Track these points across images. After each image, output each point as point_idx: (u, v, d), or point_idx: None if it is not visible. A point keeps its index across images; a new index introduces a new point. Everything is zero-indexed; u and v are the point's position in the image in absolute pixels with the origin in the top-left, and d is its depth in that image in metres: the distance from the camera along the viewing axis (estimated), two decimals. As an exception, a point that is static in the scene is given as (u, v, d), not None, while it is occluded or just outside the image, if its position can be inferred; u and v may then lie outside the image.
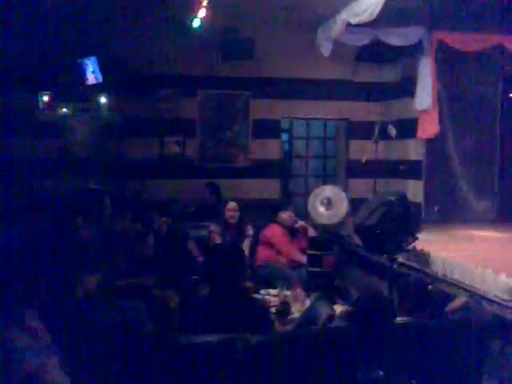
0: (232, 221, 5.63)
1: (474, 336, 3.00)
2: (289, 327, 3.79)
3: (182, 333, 2.94)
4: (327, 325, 3.14)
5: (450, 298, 4.08)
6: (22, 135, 6.38)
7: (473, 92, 6.87)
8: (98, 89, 6.46)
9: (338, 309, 4.00)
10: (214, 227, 5.66)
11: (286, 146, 8.09)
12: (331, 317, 3.18)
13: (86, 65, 6.30)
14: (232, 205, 5.68)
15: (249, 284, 4.85)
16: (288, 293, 4.62)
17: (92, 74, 6.33)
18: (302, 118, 7.68)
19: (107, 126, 6.70)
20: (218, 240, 5.54)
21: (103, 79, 6.32)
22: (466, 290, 4.18)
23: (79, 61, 6.25)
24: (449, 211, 6.67)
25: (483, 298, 3.97)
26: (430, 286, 3.63)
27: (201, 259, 5.34)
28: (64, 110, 6.58)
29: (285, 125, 7.90)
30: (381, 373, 2.50)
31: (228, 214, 5.63)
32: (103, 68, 6.31)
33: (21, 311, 1.80)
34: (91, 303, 3.59)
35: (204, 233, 5.73)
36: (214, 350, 2.68)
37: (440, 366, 2.96)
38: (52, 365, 1.71)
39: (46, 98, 6.43)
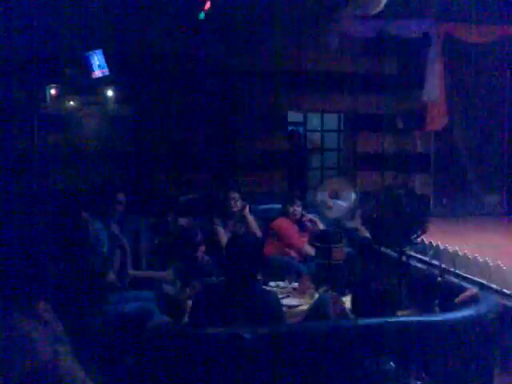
0: (234, 209, 5.59)
1: (484, 328, 2.99)
2: (297, 319, 3.79)
3: (193, 324, 2.96)
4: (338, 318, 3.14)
5: (459, 290, 4.08)
6: (29, 128, 6.38)
7: (481, 83, 6.85)
8: (104, 82, 6.44)
9: (347, 301, 4.02)
10: (217, 221, 5.63)
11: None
12: (343, 311, 3.18)
13: (93, 58, 6.28)
14: (233, 193, 5.63)
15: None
16: (296, 285, 4.63)
17: (99, 67, 6.32)
18: (307, 111, 7.70)
19: (115, 119, 6.72)
20: (221, 233, 5.53)
21: (110, 72, 6.30)
22: (476, 283, 4.18)
23: (86, 54, 6.24)
24: (457, 204, 6.65)
25: (493, 290, 3.97)
26: (439, 279, 3.62)
27: (206, 258, 5.34)
28: (71, 103, 6.58)
29: (298, 118, 7.89)
30: (392, 364, 2.50)
31: (230, 203, 5.58)
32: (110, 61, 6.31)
33: (34, 303, 1.83)
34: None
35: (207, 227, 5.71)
36: (222, 342, 2.69)
37: (450, 359, 2.95)
38: (65, 353, 1.74)
39: (53, 91, 6.43)
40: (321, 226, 5.73)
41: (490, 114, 6.95)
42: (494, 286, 4.05)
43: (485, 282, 4.13)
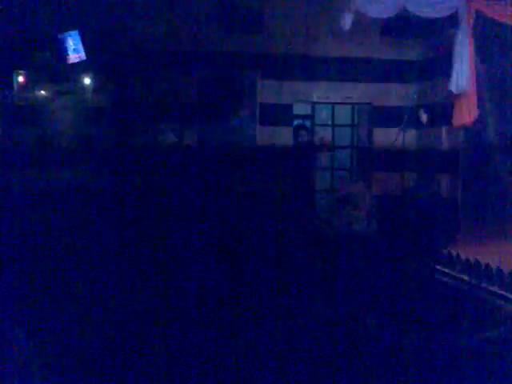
0: None
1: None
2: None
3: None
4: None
5: (492, 309, 4.22)
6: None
7: (517, 72, 6.92)
8: (81, 68, 6.58)
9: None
10: None
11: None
12: None
13: (68, 40, 6.42)
14: None
15: None
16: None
17: (74, 51, 6.45)
18: (316, 103, 7.82)
19: (92, 110, 6.89)
20: None
21: (87, 57, 6.42)
22: (510, 301, 4.33)
23: (60, 36, 6.38)
24: (490, 209, 6.68)
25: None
26: (465, 295, 3.72)
27: None
28: (42, 92, 6.71)
29: (305, 110, 8.04)
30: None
31: None
32: (87, 44, 6.46)
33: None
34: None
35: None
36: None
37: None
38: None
39: (21, 79, 6.55)
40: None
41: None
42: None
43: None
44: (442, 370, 3.04)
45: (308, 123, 8.12)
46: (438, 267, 5.19)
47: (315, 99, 7.73)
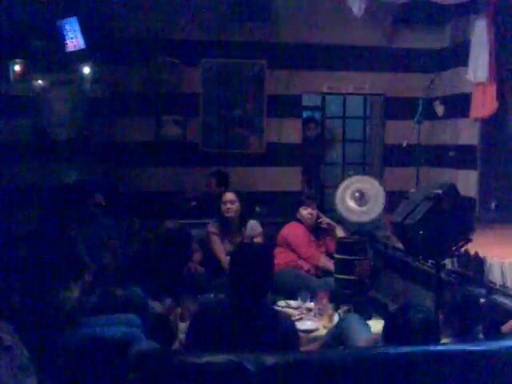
0: (229, 215, 5.60)
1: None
2: (314, 346, 3.80)
3: (186, 352, 2.96)
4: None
5: (509, 313, 4.06)
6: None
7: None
8: (80, 57, 6.46)
9: (374, 325, 4.03)
10: (211, 227, 5.67)
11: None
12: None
13: (66, 28, 6.31)
14: (229, 195, 5.64)
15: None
16: (312, 305, 4.64)
17: (72, 39, 6.35)
18: (326, 93, 7.66)
19: (92, 101, 6.74)
20: (217, 242, 5.57)
21: (86, 45, 6.32)
22: None
23: (58, 23, 6.25)
24: (509, 207, 6.63)
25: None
26: (482, 300, 3.60)
27: (200, 269, 5.38)
28: (39, 82, 6.58)
29: (315, 101, 7.92)
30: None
31: (224, 207, 5.60)
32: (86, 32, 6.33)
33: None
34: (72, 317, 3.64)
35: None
36: (222, 372, 2.69)
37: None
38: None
39: (17, 68, 6.41)
40: (341, 233, 5.73)
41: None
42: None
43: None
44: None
45: (318, 115, 8.04)
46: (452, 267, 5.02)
47: (324, 90, 7.56)
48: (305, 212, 5.75)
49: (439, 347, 2.94)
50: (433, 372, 2.78)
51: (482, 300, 3.64)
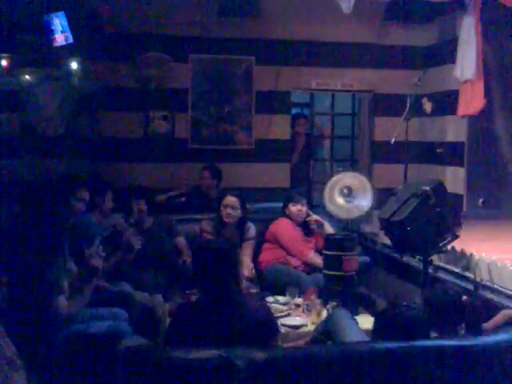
0: (228, 220, 5.52)
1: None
2: (302, 342, 3.80)
3: (171, 347, 2.95)
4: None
5: (496, 309, 4.08)
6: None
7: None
8: (68, 51, 6.42)
9: (362, 321, 4.03)
10: (205, 225, 5.60)
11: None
12: None
13: (54, 22, 6.27)
14: (231, 200, 5.52)
15: (251, 289, 4.90)
16: (300, 301, 4.63)
17: (61, 33, 6.31)
18: (314, 90, 7.66)
19: (80, 97, 6.70)
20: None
21: (74, 40, 6.28)
22: None
23: (45, 17, 6.20)
24: (496, 204, 6.66)
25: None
26: (464, 297, 3.60)
27: (189, 260, 5.34)
28: (27, 77, 6.52)
29: (304, 98, 7.92)
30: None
31: (224, 210, 5.51)
32: (74, 26, 6.29)
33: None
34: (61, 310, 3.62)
35: (196, 229, 5.71)
36: (211, 367, 2.68)
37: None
38: (18, 379, 1.73)
39: (4, 62, 6.37)
40: (330, 230, 5.73)
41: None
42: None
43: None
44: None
45: (307, 112, 8.04)
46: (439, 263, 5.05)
47: (315, 86, 7.56)
48: (294, 208, 5.75)
49: (427, 342, 2.96)
50: (421, 367, 2.80)
51: (465, 297, 3.64)
